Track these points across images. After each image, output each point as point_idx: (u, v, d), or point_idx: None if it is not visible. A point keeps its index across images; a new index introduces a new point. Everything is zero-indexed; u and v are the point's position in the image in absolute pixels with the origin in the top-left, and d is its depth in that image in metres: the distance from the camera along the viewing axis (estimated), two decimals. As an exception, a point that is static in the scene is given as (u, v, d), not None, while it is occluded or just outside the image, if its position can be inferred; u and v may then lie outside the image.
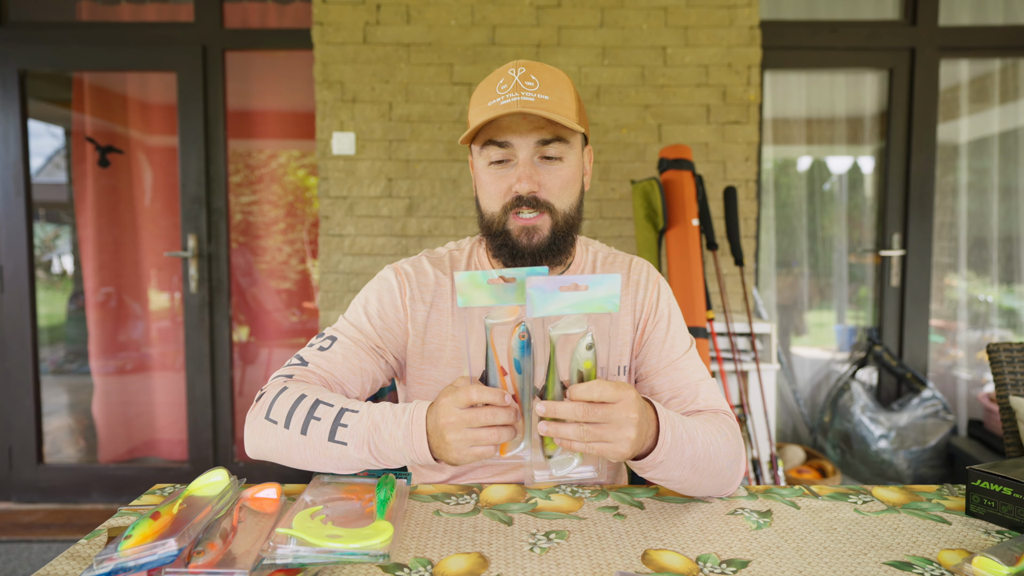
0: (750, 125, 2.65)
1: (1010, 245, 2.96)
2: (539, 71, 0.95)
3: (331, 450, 0.85)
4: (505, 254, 1.00)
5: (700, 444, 0.86)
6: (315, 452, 0.86)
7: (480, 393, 0.75)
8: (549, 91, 0.93)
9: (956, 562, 0.73)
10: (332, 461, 0.86)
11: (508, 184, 0.97)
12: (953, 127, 2.96)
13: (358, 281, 2.67)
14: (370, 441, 0.83)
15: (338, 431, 0.84)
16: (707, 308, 2.25)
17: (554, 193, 0.97)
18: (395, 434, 0.82)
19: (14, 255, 2.77)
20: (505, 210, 0.98)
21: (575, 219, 1.02)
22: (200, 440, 2.83)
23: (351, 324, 1.04)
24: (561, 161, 0.97)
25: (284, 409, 0.88)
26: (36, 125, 2.89)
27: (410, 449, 0.81)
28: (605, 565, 0.72)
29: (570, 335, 0.76)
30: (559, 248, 1.00)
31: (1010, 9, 2.87)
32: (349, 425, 0.84)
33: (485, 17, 2.62)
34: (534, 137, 0.95)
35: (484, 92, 0.96)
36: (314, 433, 0.85)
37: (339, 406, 0.86)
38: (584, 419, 0.74)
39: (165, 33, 2.76)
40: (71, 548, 0.73)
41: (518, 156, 0.96)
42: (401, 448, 0.82)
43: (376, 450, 0.83)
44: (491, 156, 0.97)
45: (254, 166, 3.01)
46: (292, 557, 0.68)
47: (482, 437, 0.76)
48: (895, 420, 2.72)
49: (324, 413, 0.86)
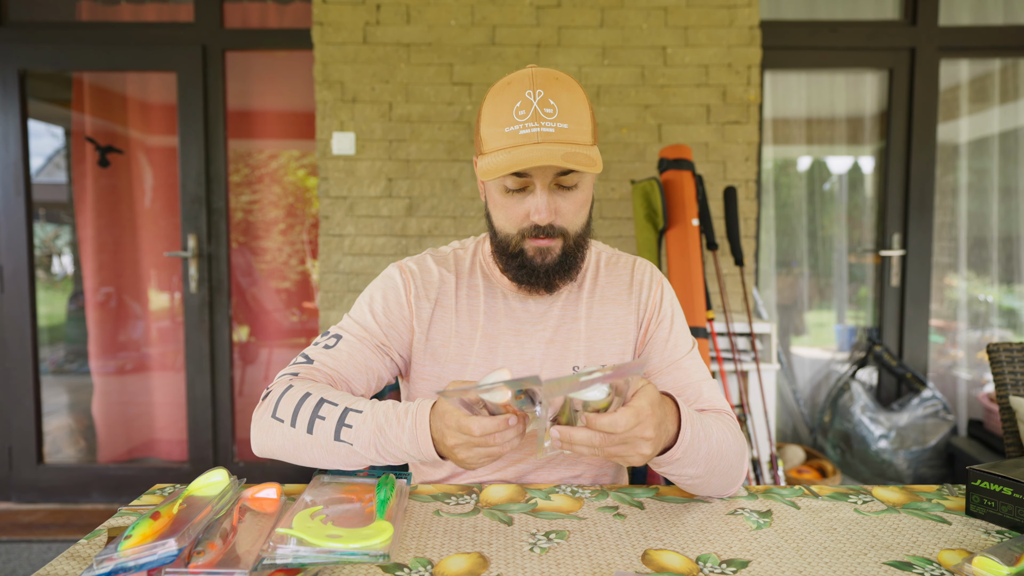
0: (750, 125, 2.65)
1: (1010, 245, 2.96)
2: (557, 93, 0.92)
3: (338, 449, 0.86)
4: (520, 272, 1.01)
5: (715, 441, 0.88)
6: (322, 451, 0.87)
7: (483, 428, 0.76)
8: (568, 117, 0.91)
9: (956, 562, 0.73)
10: (340, 459, 0.87)
11: (525, 211, 0.97)
12: (953, 127, 2.96)
13: (358, 281, 2.67)
14: (376, 444, 0.84)
15: (343, 431, 0.85)
16: (707, 308, 2.25)
17: (568, 219, 0.98)
18: (401, 437, 0.83)
19: (14, 255, 2.77)
20: (522, 234, 0.98)
21: (585, 237, 1.03)
22: (200, 440, 2.83)
23: (356, 322, 1.04)
24: (577, 188, 0.98)
25: (290, 407, 0.89)
26: (36, 125, 2.89)
27: (416, 451, 0.83)
28: (605, 565, 0.71)
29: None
30: (570, 265, 1.01)
31: (1010, 9, 2.87)
32: (354, 426, 0.85)
33: (485, 17, 2.62)
34: (552, 170, 0.94)
35: (499, 113, 0.93)
36: (319, 432, 0.86)
37: (343, 405, 0.87)
38: (601, 447, 0.75)
39: (165, 33, 2.76)
40: (71, 548, 0.73)
41: (535, 184, 0.95)
42: (408, 450, 0.83)
43: (383, 450, 0.85)
44: (508, 185, 0.96)
45: (254, 166, 3.01)
46: (292, 557, 0.68)
47: (492, 452, 0.79)
48: (895, 420, 2.72)
49: (328, 412, 0.86)
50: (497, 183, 0.97)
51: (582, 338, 1.05)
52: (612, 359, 1.05)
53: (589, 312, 1.07)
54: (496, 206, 1.00)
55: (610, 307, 1.07)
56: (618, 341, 1.06)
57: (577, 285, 1.09)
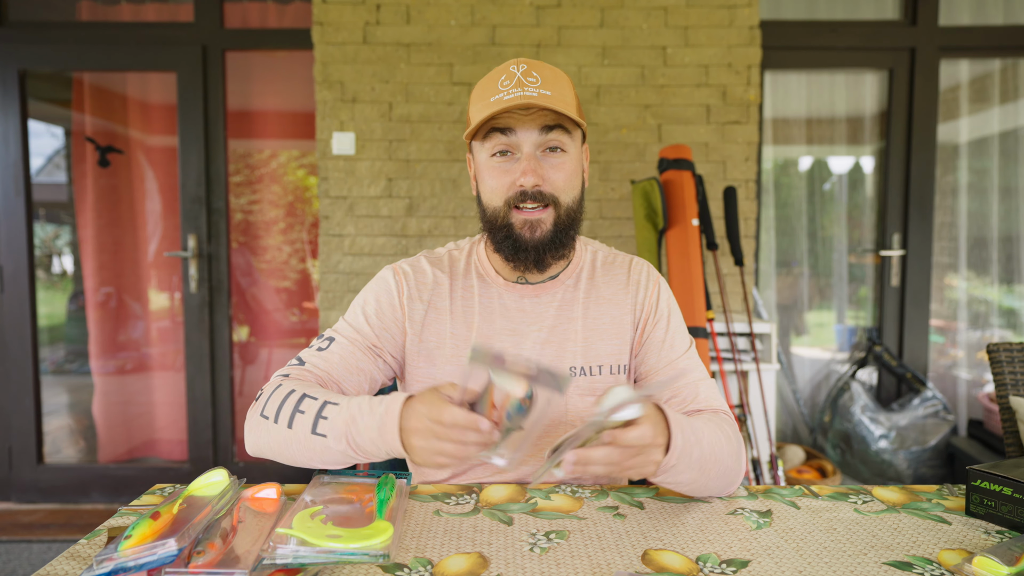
0: (750, 125, 2.65)
1: (1010, 245, 2.96)
2: (540, 68, 0.97)
3: (314, 443, 0.85)
4: (507, 248, 1.00)
5: (707, 445, 0.86)
6: (300, 446, 0.86)
7: (453, 418, 0.74)
8: (551, 87, 0.95)
9: (956, 562, 0.72)
10: (316, 455, 0.86)
11: (512, 179, 0.97)
12: (953, 127, 2.96)
13: (358, 281, 2.67)
14: (347, 434, 0.82)
15: (319, 423, 0.84)
16: (707, 308, 2.25)
17: (558, 187, 0.98)
18: (370, 426, 0.81)
19: (14, 255, 2.77)
20: (508, 204, 0.98)
21: (577, 214, 1.02)
22: (200, 440, 2.83)
23: (349, 325, 1.04)
24: (564, 152, 0.98)
25: (275, 405, 0.89)
26: (36, 125, 2.89)
27: (383, 442, 0.80)
28: (605, 565, 0.71)
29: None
30: (561, 242, 1.00)
31: (1010, 9, 2.87)
32: (329, 418, 0.84)
33: (485, 17, 2.62)
34: (537, 126, 0.95)
35: (485, 89, 0.97)
36: (299, 427, 0.86)
37: (322, 399, 0.86)
38: (620, 462, 0.75)
39: (165, 33, 2.76)
40: (71, 548, 0.73)
41: (522, 149, 0.97)
42: (375, 440, 0.80)
43: (353, 442, 0.82)
44: (494, 146, 0.97)
45: (254, 166, 3.01)
46: (292, 557, 0.68)
47: (446, 450, 0.75)
48: (895, 420, 2.72)
49: (308, 407, 0.86)
50: (485, 152, 0.99)
51: (578, 338, 1.04)
52: (608, 359, 1.05)
53: (585, 312, 1.06)
54: (484, 178, 1.01)
55: (606, 307, 1.06)
56: (615, 341, 1.05)
57: (573, 284, 1.08)
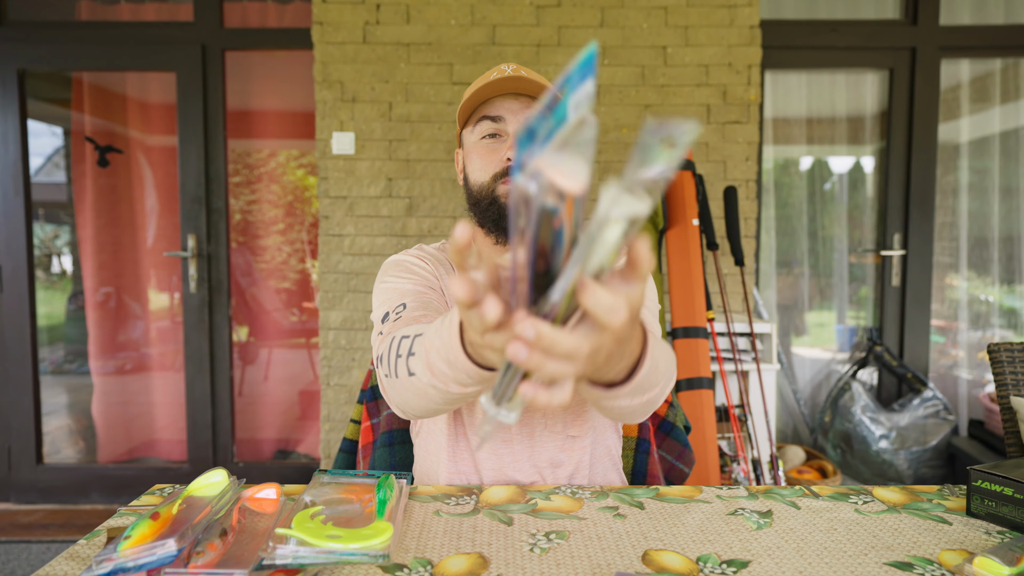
0: (750, 125, 2.65)
1: (1011, 245, 2.96)
2: (530, 70, 1.03)
3: (413, 385, 0.77)
4: (491, 218, 1.00)
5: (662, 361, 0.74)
6: (409, 391, 0.79)
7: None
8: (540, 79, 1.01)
9: (957, 562, 0.72)
10: (417, 397, 0.78)
11: (499, 155, 1.00)
12: (954, 127, 2.95)
13: (358, 281, 2.67)
14: (428, 363, 0.72)
15: (410, 362, 0.77)
16: (707, 308, 2.25)
17: None
18: (440, 333, 0.69)
19: (13, 255, 2.77)
20: (495, 178, 1.00)
21: None
22: (200, 440, 2.83)
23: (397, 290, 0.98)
24: None
25: (390, 359, 0.82)
26: (36, 125, 2.89)
27: (445, 348, 0.67)
28: (605, 565, 0.71)
29: None
30: None
31: (1010, 9, 2.86)
32: (417, 353, 0.75)
33: (485, 17, 2.62)
34: (525, 108, 0.99)
35: (476, 86, 1.02)
36: (402, 372, 0.79)
37: (413, 335, 0.79)
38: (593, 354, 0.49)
39: (165, 33, 2.76)
40: (70, 548, 0.73)
41: (509, 131, 1.00)
42: (440, 348, 0.69)
43: (435, 370, 0.72)
44: (483, 131, 1.00)
45: (254, 166, 3.01)
46: (292, 557, 0.67)
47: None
48: (896, 420, 2.72)
49: (404, 347, 0.79)
50: (474, 136, 1.02)
51: None
52: None
53: None
54: (472, 159, 1.03)
55: None
56: None
57: None
